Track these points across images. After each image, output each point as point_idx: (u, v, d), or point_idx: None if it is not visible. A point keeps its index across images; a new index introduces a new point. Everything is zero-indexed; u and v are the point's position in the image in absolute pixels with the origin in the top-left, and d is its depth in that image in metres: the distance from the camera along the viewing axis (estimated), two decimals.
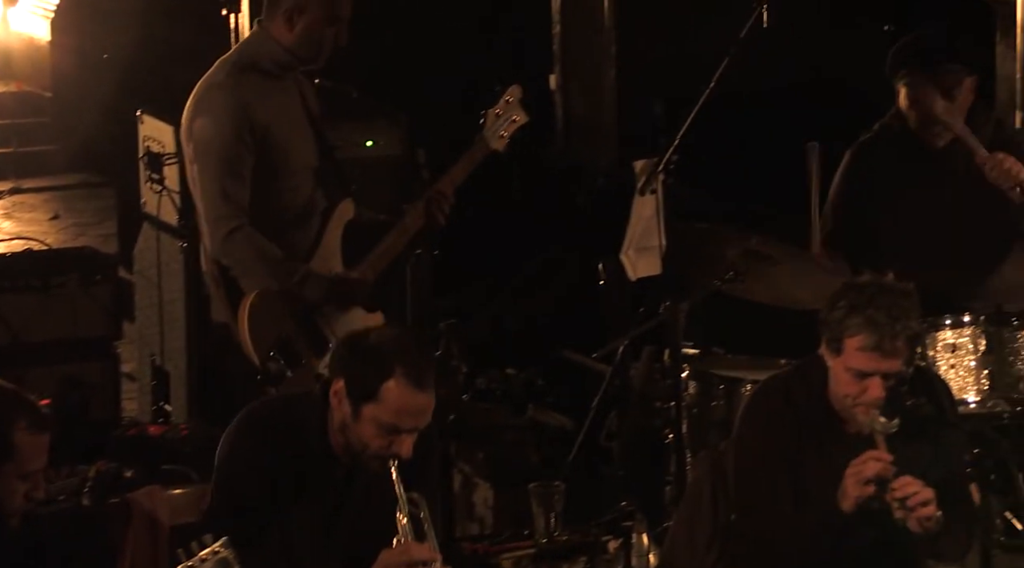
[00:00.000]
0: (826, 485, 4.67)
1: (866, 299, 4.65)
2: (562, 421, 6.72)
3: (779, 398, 4.80)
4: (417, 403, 4.41)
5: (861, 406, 4.65)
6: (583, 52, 8.40)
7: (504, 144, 5.71)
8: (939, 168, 6.13)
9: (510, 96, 5.74)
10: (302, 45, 5.54)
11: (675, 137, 5.55)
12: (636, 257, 6.12)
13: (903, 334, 4.61)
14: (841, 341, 4.64)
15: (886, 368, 4.62)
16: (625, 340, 6.17)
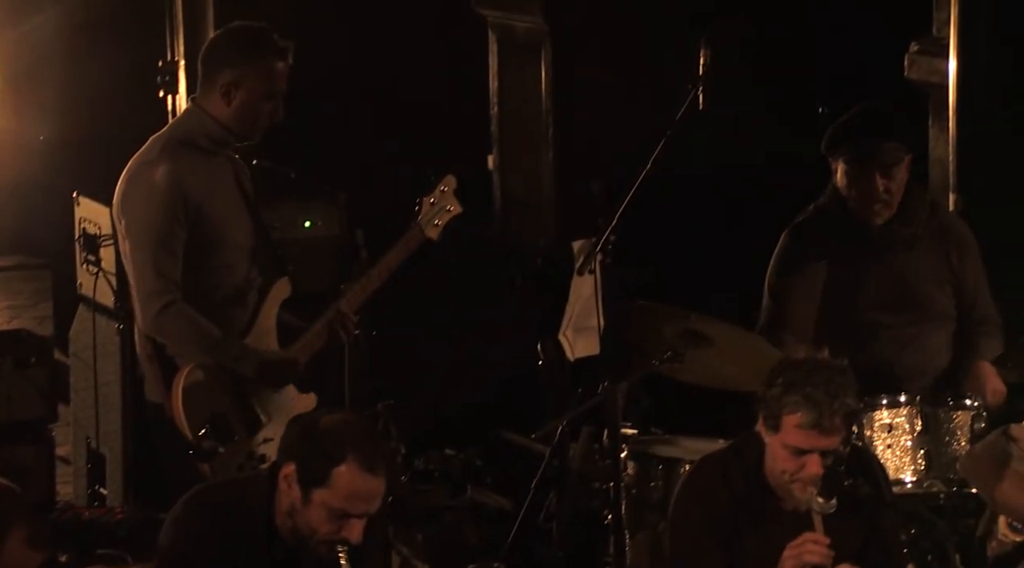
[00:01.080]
0: (763, 563, 4.67)
1: (803, 376, 4.68)
2: (501, 502, 6.70)
3: (714, 476, 4.81)
4: (368, 488, 4.40)
5: (799, 483, 4.66)
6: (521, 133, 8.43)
7: (438, 233, 5.73)
8: (878, 248, 6.19)
9: (445, 186, 5.76)
10: (239, 120, 5.53)
11: (613, 217, 5.57)
12: (574, 337, 6.13)
13: (841, 411, 4.64)
14: (779, 418, 4.66)
15: (824, 445, 4.64)
16: (564, 420, 6.16)
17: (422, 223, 5.72)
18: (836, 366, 4.75)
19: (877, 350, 6.14)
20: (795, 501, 4.70)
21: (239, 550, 4.43)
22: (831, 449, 4.66)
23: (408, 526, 6.37)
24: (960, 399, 5.88)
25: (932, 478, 5.82)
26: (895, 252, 6.19)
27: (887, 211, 6.14)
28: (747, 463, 4.78)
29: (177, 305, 5.44)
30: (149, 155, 5.55)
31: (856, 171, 6.10)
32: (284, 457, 4.46)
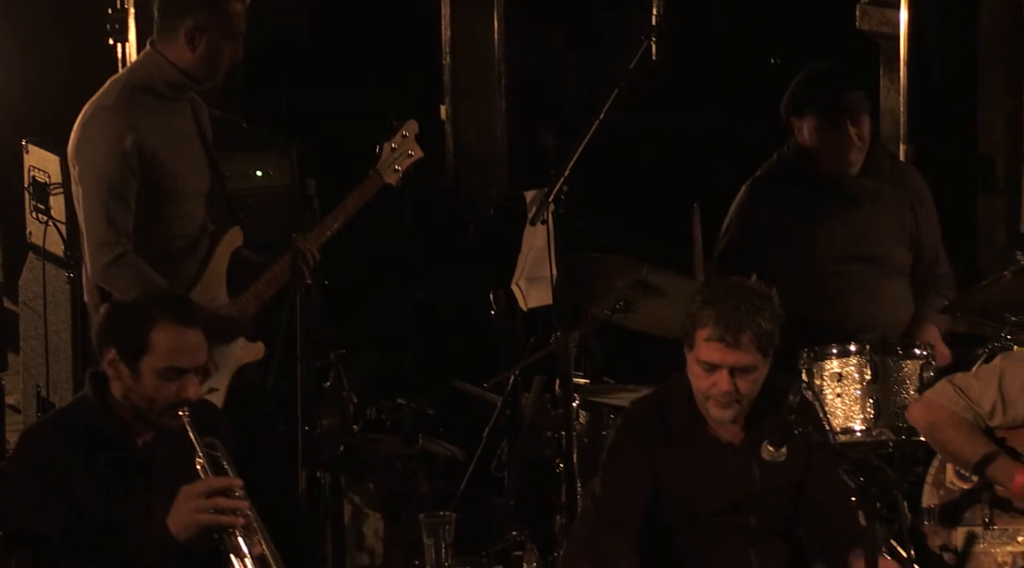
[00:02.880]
0: (695, 492, 4.74)
1: (720, 294, 4.75)
2: (453, 451, 6.71)
3: (649, 411, 4.88)
4: (189, 341, 4.55)
5: (712, 401, 4.72)
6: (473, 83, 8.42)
7: (398, 178, 5.74)
8: (845, 201, 6.22)
9: (407, 130, 5.76)
10: (202, 65, 5.50)
11: (565, 167, 5.58)
12: (527, 287, 6.15)
13: (749, 329, 4.68)
14: (693, 334, 4.73)
15: (731, 361, 4.68)
16: (516, 370, 6.18)
17: (381, 169, 5.72)
18: (757, 289, 4.80)
19: (834, 300, 6.18)
20: (712, 420, 4.75)
21: (89, 464, 4.49)
22: (740, 366, 4.68)
23: (360, 476, 6.39)
24: (909, 348, 5.93)
25: (881, 426, 5.87)
26: (860, 205, 6.23)
27: (861, 158, 6.19)
28: (679, 396, 4.84)
29: (127, 257, 5.42)
30: (106, 100, 5.51)
31: (830, 124, 6.13)
32: (102, 345, 4.58)
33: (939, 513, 5.10)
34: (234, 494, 4.45)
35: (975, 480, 5.03)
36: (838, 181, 6.19)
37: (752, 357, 4.70)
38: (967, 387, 5.06)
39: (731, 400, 4.72)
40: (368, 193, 5.70)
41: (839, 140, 6.12)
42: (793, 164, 6.26)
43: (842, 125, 6.11)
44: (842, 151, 6.13)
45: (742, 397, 4.73)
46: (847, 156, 6.14)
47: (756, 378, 4.74)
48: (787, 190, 6.25)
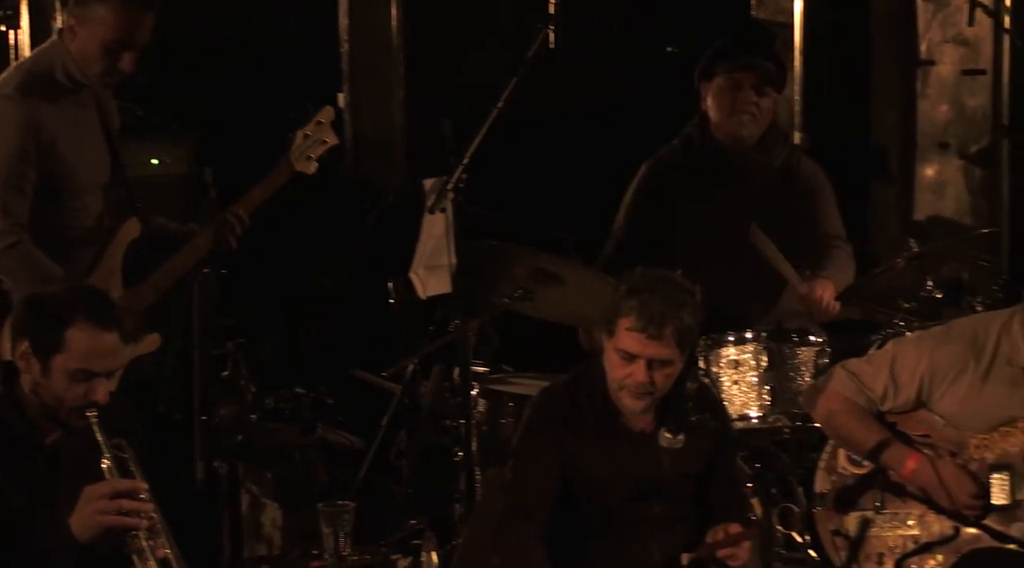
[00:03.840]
0: (606, 481, 4.75)
1: (645, 284, 4.74)
2: (352, 440, 6.70)
3: (561, 399, 4.88)
4: (104, 345, 4.45)
5: (626, 390, 4.74)
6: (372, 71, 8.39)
7: (312, 166, 5.68)
8: (735, 177, 6.28)
9: (322, 117, 5.71)
10: (79, 62, 5.43)
11: (464, 156, 5.58)
12: (426, 275, 6.14)
13: (672, 322, 4.68)
14: (615, 322, 4.73)
15: (651, 353, 4.69)
16: (415, 358, 6.18)
17: (293, 157, 5.66)
18: (682, 283, 4.80)
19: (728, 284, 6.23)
20: (627, 409, 4.78)
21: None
22: (659, 358, 4.71)
23: (258, 465, 6.37)
24: (805, 335, 5.99)
25: (777, 413, 5.92)
26: (750, 182, 6.28)
27: (754, 127, 6.24)
28: (592, 384, 4.85)
29: (22, 246, 5.36)
30: (5, 88, 5.44)
31: (734, 82, 6.19)
32: (16, 336, 4.48)
33: (832, 498, 5.15)
34: (139, 496, 4.40)
35: (867, 465, 5.09)
36: (732, 157, 6.24)
37: (671, 351, 4.71)
38: (860, 372, 5.11)
39: (645, 391, 4.73)
40: (277, 182, 5.64)
41: (737, 99, 6.19)
42: (691, 144, 6.32)
43: (743, 84, 6.18)
44: (738, 110, 6.19)
45: (656, 389, 4.74)
46: (741, 116, 6.20)
47: (672, 372, 4.75)
48: (683, 167, 6.30)
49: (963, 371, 4.99)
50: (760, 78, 6.21)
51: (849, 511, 5.10)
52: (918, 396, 5.04)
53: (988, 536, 4.91)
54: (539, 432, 4.85)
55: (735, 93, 6.21)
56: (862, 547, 5.06)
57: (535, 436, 4.86)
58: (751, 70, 6.20)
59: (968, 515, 4.92)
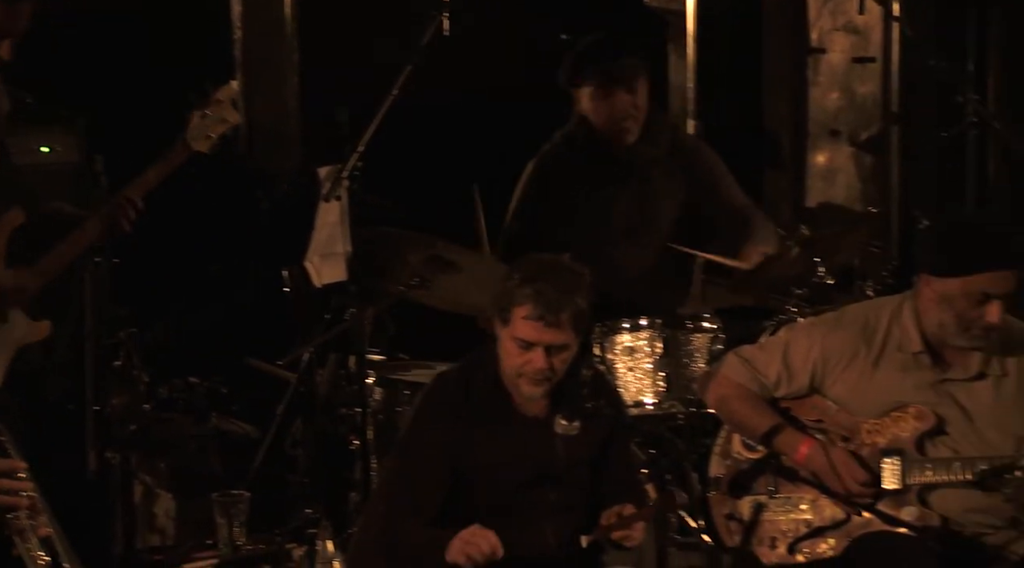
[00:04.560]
0: (499, 467, 4.77)
1: (537, 271, 4.77)
2: (246, 429, 6.67)
3: (451, 387, 4.89)
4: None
5: (524, 378, 4.76)
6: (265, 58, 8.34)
7: (211, 145, 5.57)
8: (624, 171, 6.31)
9: (221, 96, 5.61)
10: None
11: (359, 144, 5.57)
12: (321, 263, 6.12)
13: (568, 308, 4.71)
14: (510, 311, 4.75)
15: (549, 339, 4.72)
16: (310, 347, 6.16)
17: (190, 137, 5.56)
18: (573, 267, 4.82)
19: (622, 274, 6.26)
20: (522, 397, 4.80)
21: None
22: (556, 344, 4.73)
23: (151, 455, 6.32)
24: (698, 322, 6.04)
25: (672, 399, 5.97)
26: (640, 175, 6.32)
27: (636, 126, 6.28)
28: (485, 371, 4.86)
29: None
30: None
31: (603, 92, 6.22)
32: None
33: (726, 483, 5.19)
34: (17, 476, 4.36)
35: (761, 450, 5.13)
36: (617, 151, 6.28)
37: (568, 336, 4.74)
38: (753, 358, 5.15)
39: (544, 377, 4.75)
40: (174, 163, 5.55)
41: (613, 108, 6.22)
42: (575, 137, 6.34)
43: (614, 93, 6.21)
44: (617, 119, 6.23)
45: (555, 374, 4.76)
46: (622, 124, 6.24)
47: (568, 356, 4.77)
48: (571, 163, 6.32)
49: (855, 357, 5.04)
50: (630, 80, 6.22)
51: (743, 495, 5.14)
52: (811, 382, 5.08)
53: (879, 520, 4.97)
54: (427, 422, 4.86)
55: (609, 102, 6.23)
56: (755, 531, 5.10)
57: (423, 426, 4.87)
58: (618, 79, 6.21)
59: (859, 501, 4.97)
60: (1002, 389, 5.00)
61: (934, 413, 4.96)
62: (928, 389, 4.99)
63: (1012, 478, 4.81)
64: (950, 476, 4.90)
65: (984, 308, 4.85)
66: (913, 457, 4.95)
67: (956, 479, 4.90)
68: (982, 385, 5.00)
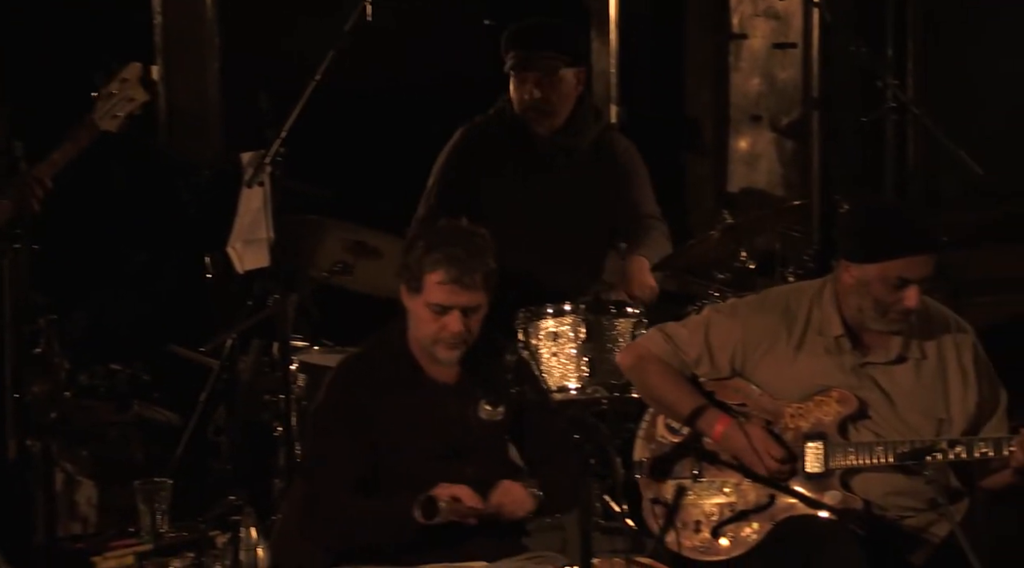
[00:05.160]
0: (412, 435, 4.79)
1: (443, 238, 4.81)
2: (169, 417, 6.63)
3: (358, 366, 4.92)
4: None
5: (441, 344, 4.78)
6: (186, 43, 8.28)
7: (119, 125, 5.48)
8: (542, 159, 6.32)
9: (127, 74, 5.54)
10: None
11: (282, 129, 5.54)
12: (243, 250, 6.09)
13: (480, 270, 4.77)
14: (421, 279, 4.77)
15: (464, 302, 4.76)
16: (233, 333, 6.13)
17: (96, 116, 5.49)
18: (474, 230, 4.88)
19: (541, 261, 6.28)
20: (439, 362, 4.81)
21: None
22: (471, 306, 4.77)
23: (72, 443, 6.28)
24: (622, 307, 6.06)
25: (595, 384, 5.98)
26: (559, 165, 6.33)
27: (547, 120, 6.29)
28: (392, 345, 4.89)
29: None
30: None
31: (518, 79, 6.24)
32: None
33: (650, 467, 5.20)
34: None
35: (685, 433, 5.15)
36: (537, 141, 6.30)
37: (481, 297, 4.79)
38: (675, 335, 5.16)
39: (461, 340, 4.79)
40: (81, 143, 5.46)
41: (521, 95, 6.24)
42: (503, 114, 6.36)
43: (526, 80, 6.23)
44: (524, 106, 6.26)
45: (470, 336, 4.81)
46: (528, 112, 6.26)
47: (480, 317, 4.83)
48: (491, 138, 6.34)
49: (777, 341, 5.07)
50: (543, 73, 6.24)
51: (667, 479, 5.16)
52: (731, 364, 5.10)
53: (802, 504, 5.00)
54: (337, 396, 4.89)
55: (520, 89, 6.26)
56: (679, 515, 5.12)
57: (332, 401, 4.90)
58: (532, 69, 6.23)
59: (778, 479, 5.00)
60: (922, 372, 5.05)
61: (856, 397, 5.00)
62: (850, 373, 5.02)
63: (932, 461, 4.86)
64: (872, 459, 4.94)
65: (902, 293, 4.89)
66: (836, 441, 4.98)
67: (878, 462, 4.94)
68: (902, 368, 5.05)
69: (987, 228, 7.95)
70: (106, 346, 7.13)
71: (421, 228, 4.90)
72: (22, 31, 8.16)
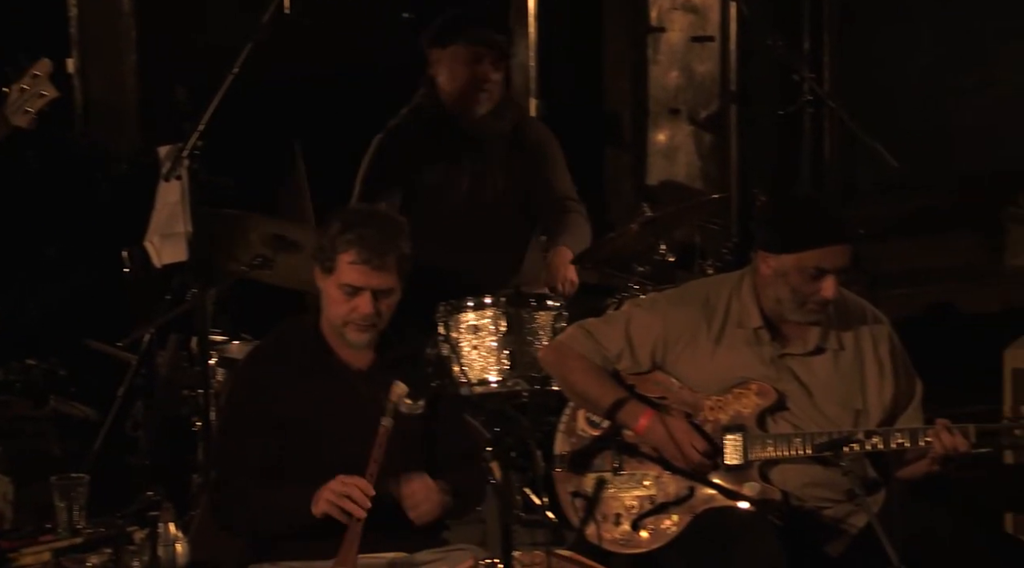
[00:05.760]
0: (316, 417, 4.80)
1: (358, 219, 4.84)
2: (86, 412, 6.59)
3: (267, 353, 4.94)
4: None
5: (351, 325, 4.79)
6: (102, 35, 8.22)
7: (30, 120, 5.46)
8: (471, 144, 6.33)
9: (38, 70, 5.50)
10: None
11: (200, 122, 5.51)
12: (161, 243, 6.06)
13: (393, 252, 4.79)
14: (334, 259, 4.79)
15: (376, 283, 4.77)
16: (151, 328, 6.09)
17: (9, 112, 5.45)
18: (390, 214, 4.93)
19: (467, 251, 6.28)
20: (351, 344, 4.82)
21: None
22: (383, 288, 4.78)
23: None
24: (543, 300, 6.06)
25: (516, 377, 5.99)
26: (484, 149, 6.33)
27: (489, 102, 6.30)
28: (303, 330, 4.90)
29: None
30: None
31: (473, 55, 6.23)
32: None
33: (570, 460, 5.22)
34: None
35: (605, 426, 5.16)
36: (465, 125, 6.29)
37: (393, 279, 4.80)
38: (595, 330, 5.18)
39: (372, 323, 4.80)
40: None
41: (475, 74, 6.23)
42: (423, 111, 6.34)
43: (483, 59, 6.23)
44: (476, 85, 6.25)
45: (381, 319, 4.81)
46: (478, 93, 6.26)
47: (393, 301, 4.84)
48: (417, 137, 6.32)
49: (696, 333, 5.09)
50: (499, 54, 6.26)
51: (587, 472, 5.17)
52: (652, 358, 5.12)
53: (722, 496, 5.03)
54: (247, 381, 4.91)
55: (474, 67, 6.24)
56: (599, 507, 5.14)
57: (242, 386, 4.92)
58: (491, 46, 6.24)
59: (700, 471, 5.03)
60: (839, 363, 5.09)
61: (775, 389, 5.03)
62: (768, 364, 5.06)
63: (850, 451, 4.90)
64: (790, 451, 4.98)
65: (819, 283, 4.93)
66: (754, 433, 5.02)
67: (796, 454, 4.98)
68: (820, 359, 5.08)
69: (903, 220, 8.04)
70: (22, 341, 7.08)
71: (337, 211, 4.89)
72: None
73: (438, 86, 6.30)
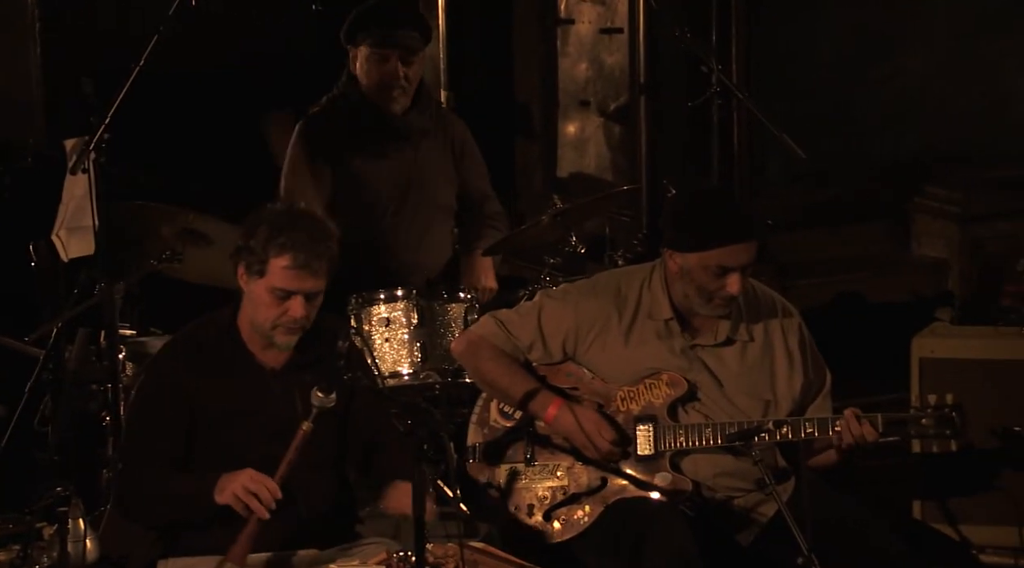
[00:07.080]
0: (226, 414, 4.80)
1: (287, 222, 4.80)
2: None
3: (182, 346, 4.91)
4: None
5: (280, 328, 4.77)
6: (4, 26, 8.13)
7: None
8: (395, 137, 6.32)
9: None
10: None
11: (107, 115, 5.47)
12: (68, 237, 6.00)
13: (326, 255, 4.77)
14: (265, 263, 4.75)
15: (309, 287, 4.77)
16: (59, 322, 6.04)
17: None
18: (317, 215, 4.89)
19: (386, 242, 6.28)
20: (276, 346, 4.82)
21: None
22: (315, 291, 4.77)
23: None
24: (454, 293, 6.07)
25: (428, 369, 5.99)
26: (410, 142, 6.33)
27: (405, 99, 6.29)
28: (219, 326, 4.88)
29: None
30: None
31: (379, 57, 6.22)
32: None
33: (483, 451, 5.23)
34: None
35: (517, 418, 5.18)
36: (389, 117, 6.29)
37: (323, 282, 4.80)
38: (507, 321, 5.19)
39: (300, 326, 4.79)
40: None
41: (387, 73, 6.23)
42: (345, 100, 6.32)
43: (389, 58, 6.21)
44: (385, 85, 6.24)
45: (308, 322, 4.81)
46: (390, 91, 6.25)
47: (320, 302, 4.83)
48: (338, 125, 6.31)
49: (608, 324, 5.11)
50: (406, 51, 6.24)
51: (500, 464, 5.18)
52: (564, 349, 5.14)
53: (633, 486, 5.05)
54: (158, 374, 4.89)
55: (382, 66, 6.24)
56: (512, 498, 5.15)
57: (153, 378, 4.90)
58: (396, 46, 6.22)
59: (610, 461, 5.05)
60: (748, 354, 5.12)
61: (686, 379, 5.06)
62: (680, 355, 5.08)
63: (760, 441, 4.93)
64: (701, 441, 5.01)
65: (723, 280, 4.96)
66: (665, 423, 5.04)
67: (707, 444, 5.01)
68: (730, 351, 5.12)
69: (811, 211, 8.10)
70: None
71: (262, 211, 4.85)
72: None
73: (359, 82, 6.30)
